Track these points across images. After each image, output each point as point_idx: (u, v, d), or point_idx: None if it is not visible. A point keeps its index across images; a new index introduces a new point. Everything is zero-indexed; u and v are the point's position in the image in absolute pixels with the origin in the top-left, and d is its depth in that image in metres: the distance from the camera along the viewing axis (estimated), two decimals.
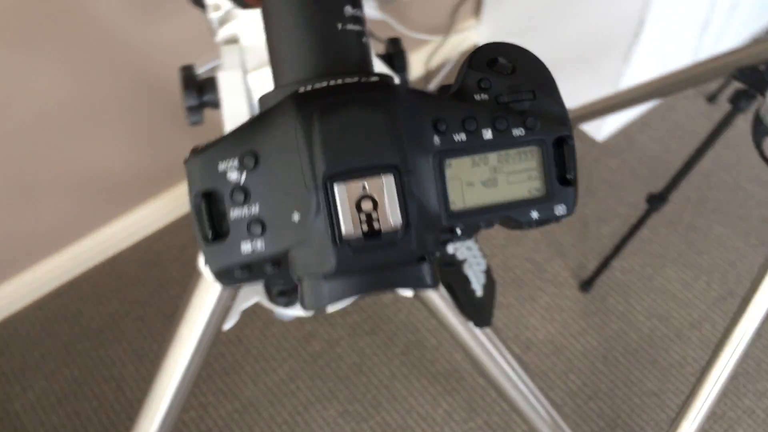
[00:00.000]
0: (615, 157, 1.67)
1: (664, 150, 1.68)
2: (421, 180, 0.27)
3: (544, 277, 1.49)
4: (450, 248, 0.78)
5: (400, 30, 1.62)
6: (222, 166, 0.27)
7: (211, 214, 0.27)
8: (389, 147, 0.26)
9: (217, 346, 1.39)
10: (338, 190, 0.26)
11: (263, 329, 1.41)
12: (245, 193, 0.27)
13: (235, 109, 0.56)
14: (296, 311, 0.87)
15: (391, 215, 0.26)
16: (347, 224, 0.26)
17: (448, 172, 0.28)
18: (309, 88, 0.27)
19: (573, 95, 1.60)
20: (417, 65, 1.77)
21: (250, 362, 1.38)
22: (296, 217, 0.26)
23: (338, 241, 0.26)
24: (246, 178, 0.27)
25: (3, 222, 1.29)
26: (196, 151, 0.27)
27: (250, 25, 0.54)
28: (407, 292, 0.94)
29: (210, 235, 0.27)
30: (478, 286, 0.84)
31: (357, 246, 0.26)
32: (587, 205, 1.58)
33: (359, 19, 0.30)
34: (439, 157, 0.28)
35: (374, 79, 0.28)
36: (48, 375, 1.36)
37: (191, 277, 0.76)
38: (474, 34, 1.83)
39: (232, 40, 0.59)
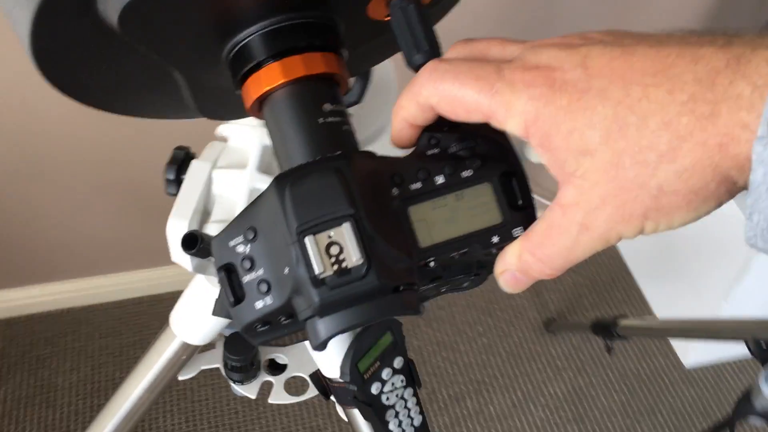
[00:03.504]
0: (693, 387, 1.57)
1: None
2: (382, 224, 0.32)
3: None
4: (374, 388, 0.81)
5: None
6: (232, 243, 0.34)
7: (231, 284, 0.34)
8: (345, 201, 0.32)
9: (234, 400, 1.48)
10: (308, 240, 0.31)
11: (282, 407, 1.47)
12: (251, 261, 0.33)
13: (187, 193, 0.66)
14: (244, 391, 0.93)
15: (354, 254, 0.31)
16: (318, 266, 0.31)
17: (413, 217, 0.33)
18: (287, 170, 0.34)
19: (670, 308, 1.54)
20: None
21: (256, 428, 1.44)
22: (286, 270, 0.32)
23: (315, 282, 0.31)
24: (250, 249, 0.33)
25: (140, 224, 1.49)
26: (215, 237, 0.35)
27: (239, 129, 0.65)
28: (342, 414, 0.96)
29: (233, 301, 0.34)
30: None
31: (332, 283, 0.31)
32: (642, 421, 1.49)
33: (338, 112, 0.37)
34: (401, 204, 0.33)
35: (337, 153, 0.34)
36: (96, 366, 1.52)
37: None
38: None
39: (222, 139, 0.69)
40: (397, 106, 0.34)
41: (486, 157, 0.34)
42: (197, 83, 0.40)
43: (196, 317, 0.81)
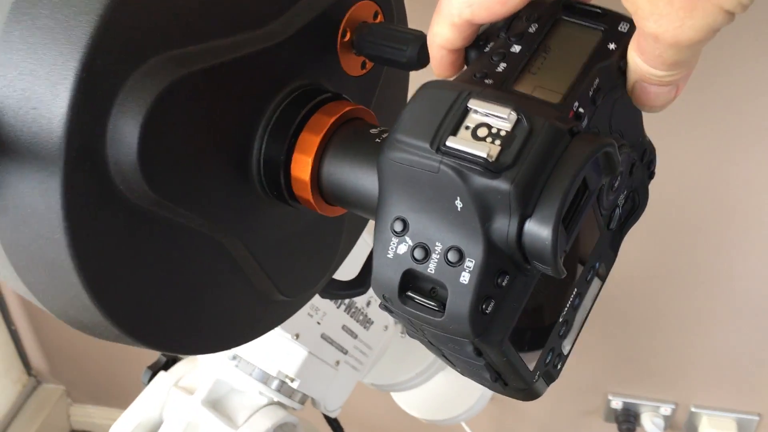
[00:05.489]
0: None
1: None
2: (506, 93, 0.29)
3: None
4: None
5: None
6: (390, 253, 0.28)
7: (423, 298, 0.28)
8: (455, 90, 0.27)
9: None
10: (451, 143, 0.26)
11: None
12: (422, 247, 0.27)
13: (140, 403, 0.66)
14: None
15: (504, 114, 0.26)
16: (480, 151, 0.25)
17: (525, 90, 0.29)
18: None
19: None
20: None
21: None
22: (458, 203, 0.26)
23: (493, 170, 0.25)
24: (411, 238, 0.28)
25: None
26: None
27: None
28: None
29: (439, 311, 0.27)
30: None
31: (507, 159, 0.26)
32: None
33: (385, 130, 0.35)
34: (504, 88, 0.29)
35: None
36: None
37: None
38: None
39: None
40: (432, 35, 0.33)
41: (538, 7, 0.31)
42: (256, 242, 0.38)
43: None
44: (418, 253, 0.27)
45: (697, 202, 1.10)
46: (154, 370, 0.67)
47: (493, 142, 0.26)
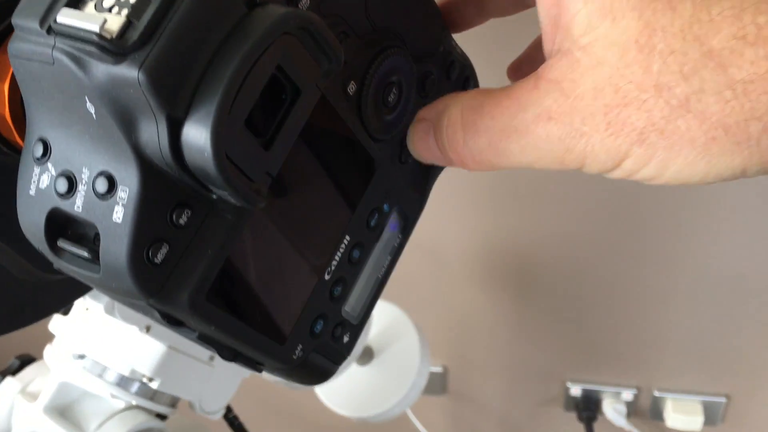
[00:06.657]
0: None
1: None
2: None
3: None
4: None
5: None
6: (34, 188, 0.21)
7: (80, 245, 0.21)
8: None
9: None
10: (63, 18, 0.18)
11: None
12: (69, 177, 0.20)
13: None
14: None
15: None
16: (95, 23, 0.18)
17: None
18: None
19: None
20: None
21: None
22: (90, 107, 0.19)
23: (116, 54, 0.18)
24: (55, 163, 0.20)
25: None
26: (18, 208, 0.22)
27: (54, 359, 0.57)
28: None
29: (93, 260, 0.20)
30: None
31: (133, 34, 0.18)
32: None
33: None
34: None
35: None
36: None
37: None
38: None
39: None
40: None
41: None
42: None
43: None
44: (62, 185, 0.20)
45: None
46: (4, 375, 0.59)
47: (117, 12, 0.18)
